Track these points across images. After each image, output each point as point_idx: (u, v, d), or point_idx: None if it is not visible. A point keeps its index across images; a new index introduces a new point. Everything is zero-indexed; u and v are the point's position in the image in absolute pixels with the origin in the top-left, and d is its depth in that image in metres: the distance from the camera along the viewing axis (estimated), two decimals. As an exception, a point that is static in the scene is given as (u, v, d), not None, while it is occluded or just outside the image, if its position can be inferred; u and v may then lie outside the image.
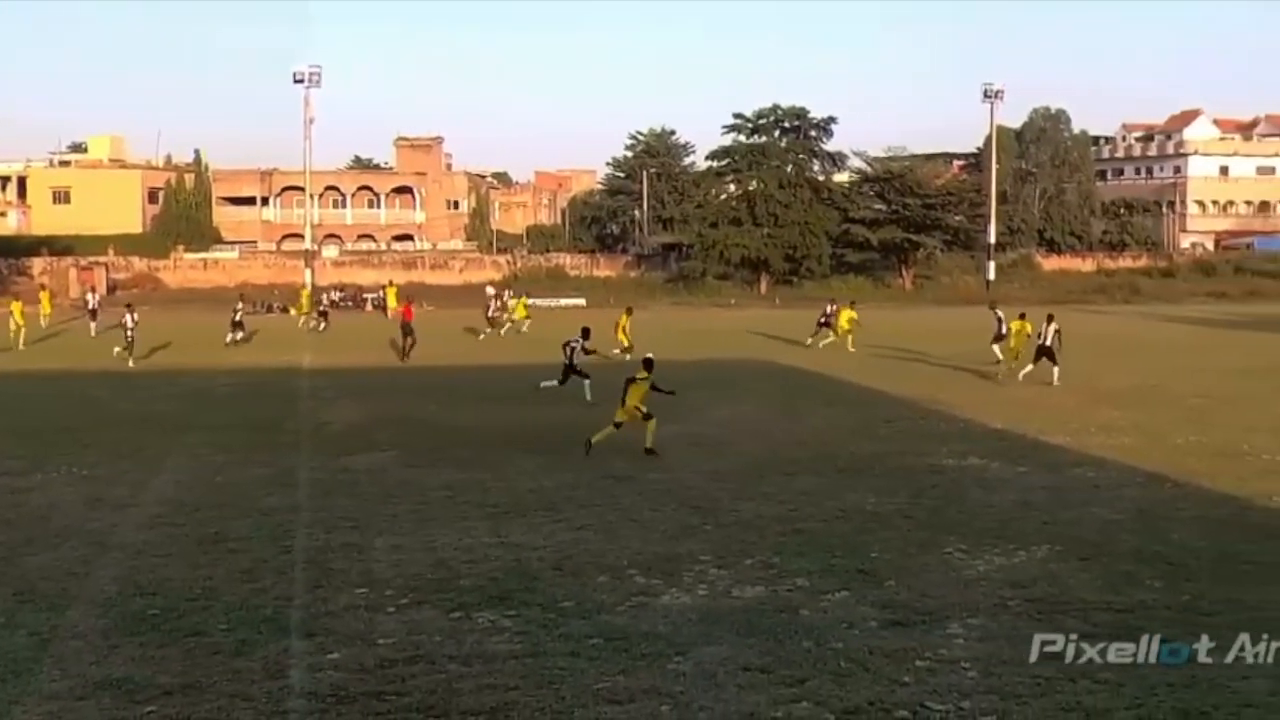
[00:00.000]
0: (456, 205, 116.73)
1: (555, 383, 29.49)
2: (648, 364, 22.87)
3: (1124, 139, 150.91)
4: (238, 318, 47.34)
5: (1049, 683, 10.20)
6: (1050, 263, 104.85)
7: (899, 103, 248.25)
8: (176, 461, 21.22)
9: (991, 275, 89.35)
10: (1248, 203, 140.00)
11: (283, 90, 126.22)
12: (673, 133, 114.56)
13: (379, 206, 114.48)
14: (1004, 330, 37.64)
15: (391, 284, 70.93)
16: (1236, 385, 32.26)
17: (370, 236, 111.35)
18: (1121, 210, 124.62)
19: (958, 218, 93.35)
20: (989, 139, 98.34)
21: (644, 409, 21.88)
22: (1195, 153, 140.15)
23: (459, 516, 16.64)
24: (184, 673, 10.42)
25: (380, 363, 40.66)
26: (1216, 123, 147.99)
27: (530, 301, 57.33)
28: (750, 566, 13.89)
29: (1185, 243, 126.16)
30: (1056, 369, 32.78)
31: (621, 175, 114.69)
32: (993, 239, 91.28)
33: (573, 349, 29.91)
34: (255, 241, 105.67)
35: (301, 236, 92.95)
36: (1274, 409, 27.48)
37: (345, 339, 50.25)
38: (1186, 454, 21.52)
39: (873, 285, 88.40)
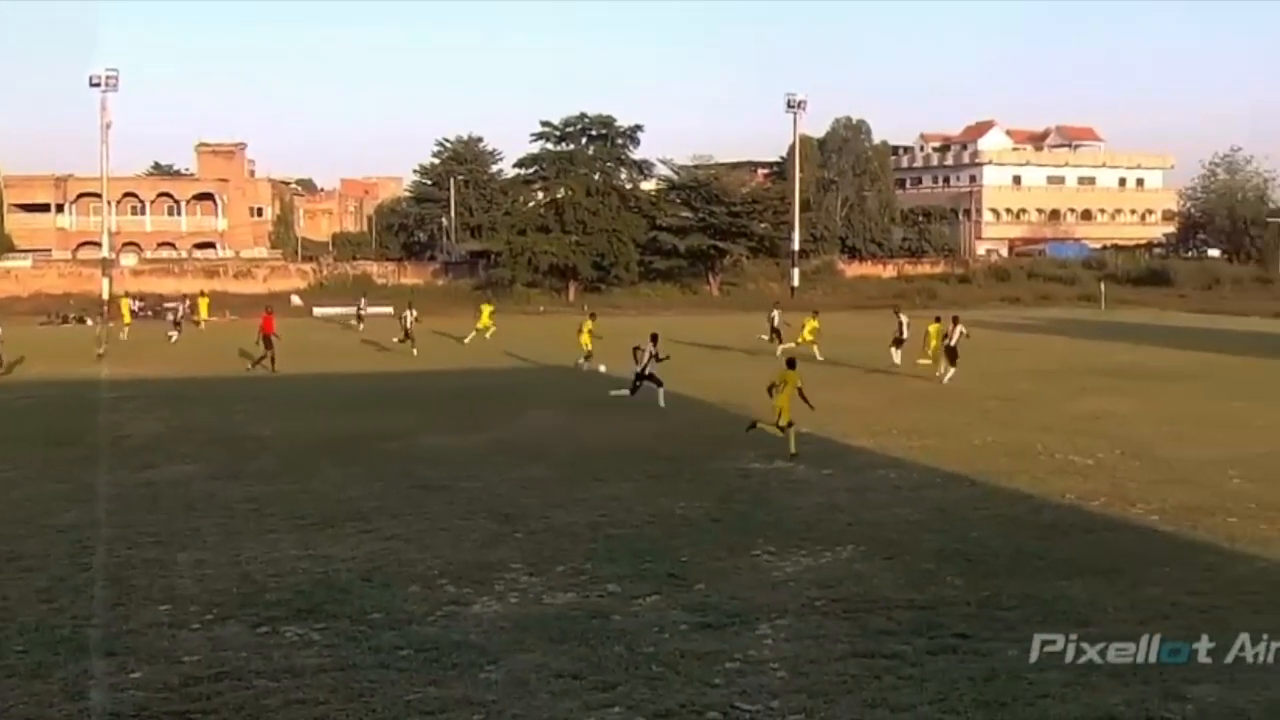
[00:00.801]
0: (260, 212, 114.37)
1: (626, 392, 29.59)
2: (791, 364, 24.02)
3: (922, 149, 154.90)
4: (177, 317, 46.32)
5: (855, 680, 10.44)
6: (852, 269, 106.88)
7: (705, 112, 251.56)
8: (-34, 478, 20.42)
9: (796, 282, 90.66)
10: (1039, 210, 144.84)
11: (79, 95, 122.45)
12: (480, 140, 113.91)
13: (179, 214, 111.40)
14: (904, 334, 39.24)
15: (203, 294, 69.60)
16: (1030, 387, 33.39)
17: (170, 244, 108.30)
18: (920, 218, 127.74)
19: (763, 225, 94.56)
20: (792, 148, 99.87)
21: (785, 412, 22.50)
22: (990, 162, 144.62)
23: (265, 529, 16.36)
24: (-23, 697, 10.06)
25: (189, 372, 39.62)
26: (1009, 133, 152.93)
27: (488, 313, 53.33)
28: (562, 573, 13.92)
29: (981, 249, 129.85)
30: (954, 370, 34.62)
31: (429, 183, 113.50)
32: (797, 246, 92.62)
33: (648, 355, 29.39)
34: (50, 250, 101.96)
35: (99, 244, 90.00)
36: (1065, 409, 28.50)
37: (151, 350, 48.77)
38: (984, 454, 22.21)
39: (680, 292, 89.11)
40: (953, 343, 35.34)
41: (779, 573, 13.98)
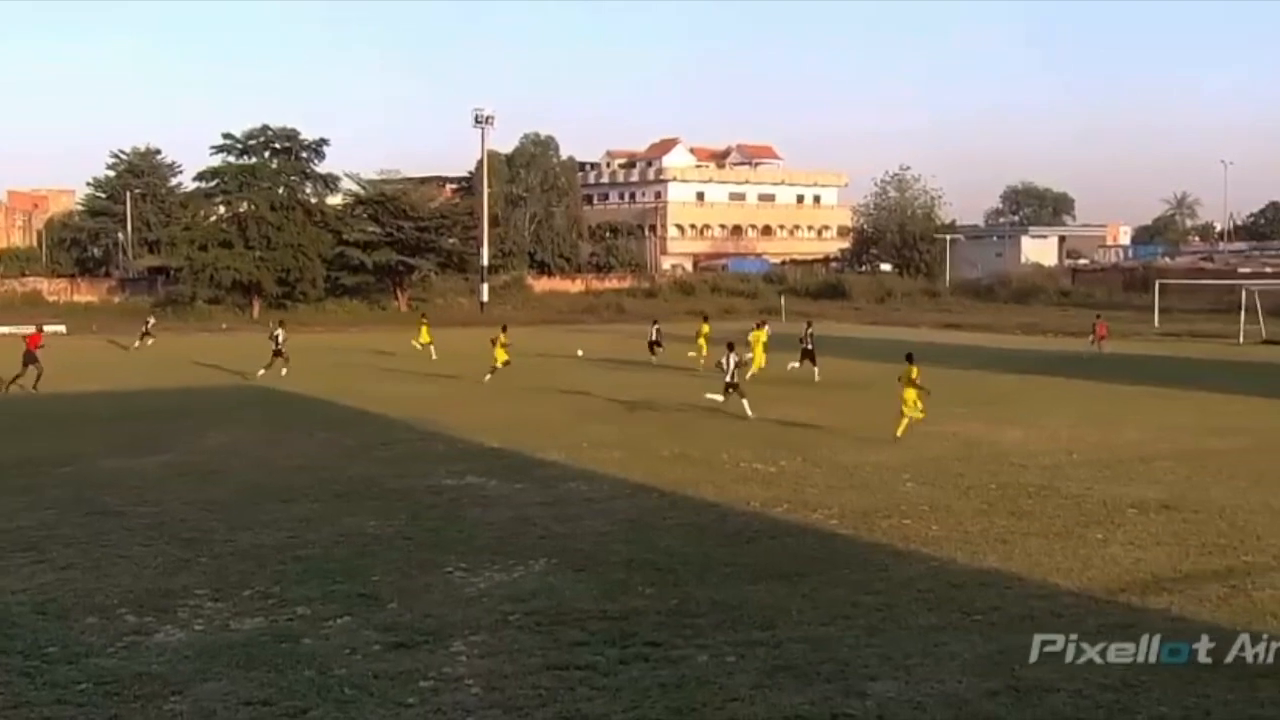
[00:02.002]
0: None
1: (720, 397, 30.58)
2: (910, 357, 26.74)
3: (609, 165, 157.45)
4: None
5: (550, 693, 10.47)
6: (541, 284, 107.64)
7: (393, 126, 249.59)
8: None
9: (485, 297, 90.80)
10: (722, 226, 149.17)
11: None
12: (158, 152, 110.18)
13: None
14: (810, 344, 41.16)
15: None
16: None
17: None
18: (607, 234, 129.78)
19: (451, 240, 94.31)
20: (480, 163, 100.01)
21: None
22: (674, 179, 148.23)
23: (-75, 563, 15.36)
24: None
25: None
26: (693, 151, 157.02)
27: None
28: (249, 597, 13.53)
29: (666, 264, 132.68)
30: (817, 368, 39.44)
31: (103, 196, 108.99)
32: (486, 261, 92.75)
33: (732, 364, 30.97)
34: None
35: None
36: (751, 419, 29.27)
37: None
38: (672, 464, 22.63)
39: (368, 308, 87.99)
40: (809, 345, 40.22)
41: (472, 589, 13.92)
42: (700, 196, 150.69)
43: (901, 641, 11.85)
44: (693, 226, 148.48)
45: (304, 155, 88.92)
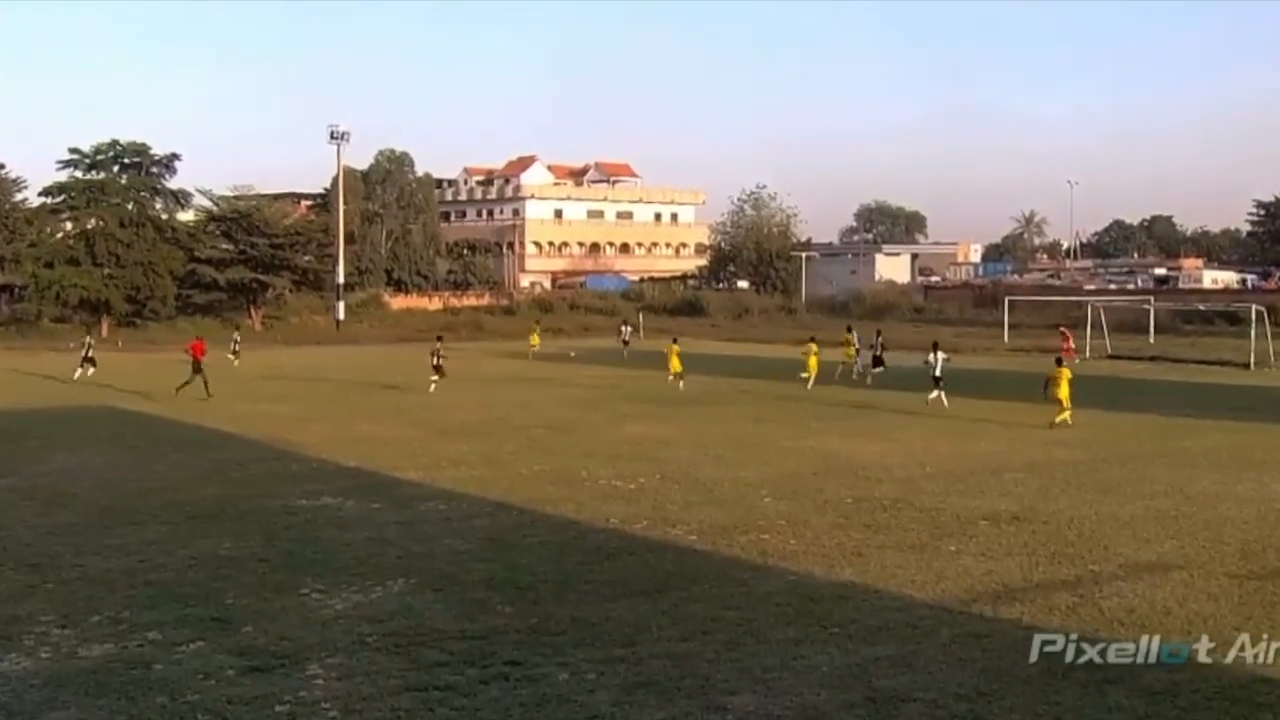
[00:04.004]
0: None
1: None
2: (1059, 361, 31.97)
3: (466, 182, 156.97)
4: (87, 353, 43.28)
5: (409, 714, 10.38)
6: (399, 302, 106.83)
7: (247, 142, 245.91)
8: None
9: (341, 315, 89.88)
10: (580, 244, 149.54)
11: None
12: (2, 166, 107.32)
13: None
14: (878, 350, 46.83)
15: None
16: (572, 415, 34.22)
17: None
18: (465, 251, 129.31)
19: (306, 258, 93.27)
20: (336, 180, 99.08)
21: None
22: (532, 196, 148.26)
23: None
24: None
25: None
26: (551, 168, 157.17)
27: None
28: (98, 623, 13.19)
29: (525, 281, 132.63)
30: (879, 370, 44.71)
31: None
32: (342, 279, 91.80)
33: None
34: None
35: None
36: (607, 436, 29.37)
37: None
38: (531, 482, 22.57)
39: (221, 326, 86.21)
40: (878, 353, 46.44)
41: (329, 610, 13.73)
42: (558, 214, 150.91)
43: (761, 655, 11.94)
44: (551, 244, 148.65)
45: (154, 171, 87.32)
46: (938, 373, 36.48)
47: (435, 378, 41.65)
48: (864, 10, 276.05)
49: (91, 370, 40.45)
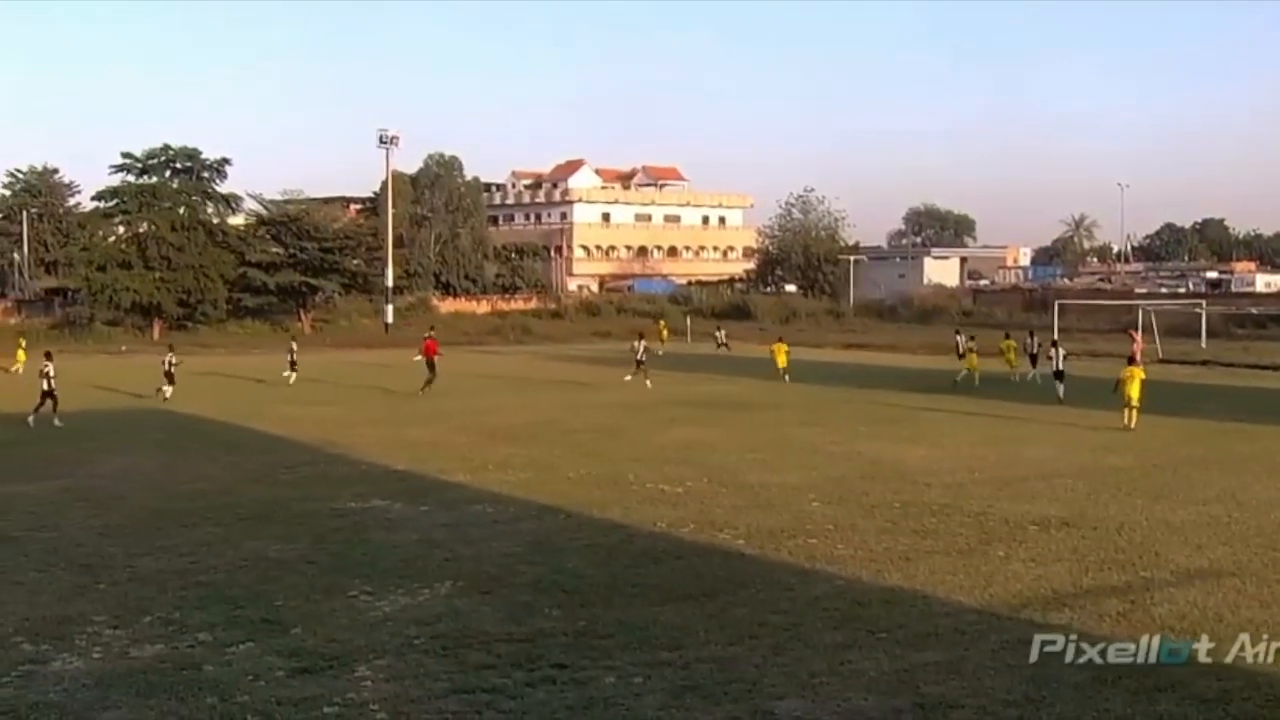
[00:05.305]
0: None
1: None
2: (1131, 360, 33.10)
3: (514, 186, 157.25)
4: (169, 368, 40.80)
5: (456, 716, 10.43)
6: (447, 305, 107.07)
7: (297, 146, 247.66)
8: None
9: (390, 318, 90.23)
10: (628, 247, 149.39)
11: None
12: (55, 171, 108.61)
13: None
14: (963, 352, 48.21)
15: None
16: (620, 419, 34.21)
17: None
18: (513, 255, 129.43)
19: (356, 261, 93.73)
20: (385, 184, 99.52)
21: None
22: (580, 200, 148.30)
23: None
24: None
25: None
26: (598, 172, 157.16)
27: None
28: (149, 624, 13.30)
29: (572, 285, 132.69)
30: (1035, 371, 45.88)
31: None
32: (390, 282, 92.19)
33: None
34: None
35: None
36: (654, 440, 29.35)
37: None
38: (578, 486, 22.59)
39: (271, 329, 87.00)
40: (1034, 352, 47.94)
41: (377, 612, 13.80)
42: (606, 217, 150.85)
43: (808, 660, 11.91)
44: (598, 248, 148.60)
45: (205, 175, 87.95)
46: (1060, 366, 40.15)
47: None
48: (913, 11, 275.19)
49: (170, 389, 39.82)
